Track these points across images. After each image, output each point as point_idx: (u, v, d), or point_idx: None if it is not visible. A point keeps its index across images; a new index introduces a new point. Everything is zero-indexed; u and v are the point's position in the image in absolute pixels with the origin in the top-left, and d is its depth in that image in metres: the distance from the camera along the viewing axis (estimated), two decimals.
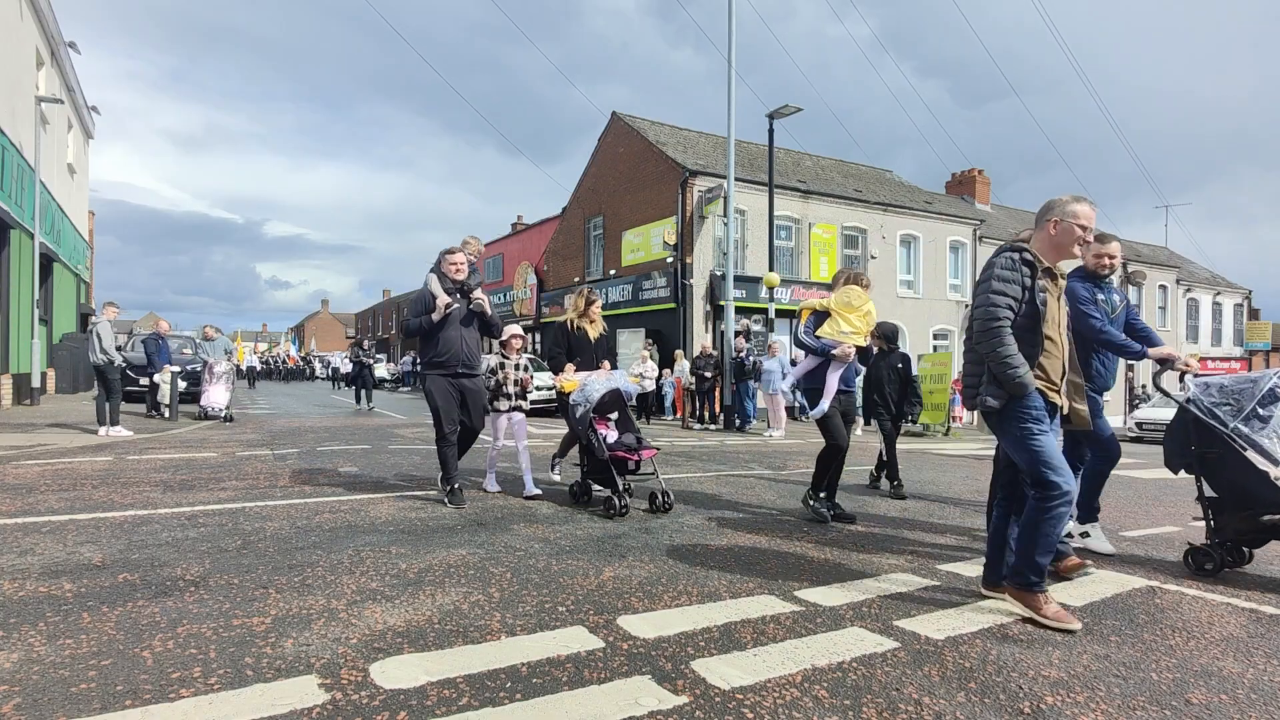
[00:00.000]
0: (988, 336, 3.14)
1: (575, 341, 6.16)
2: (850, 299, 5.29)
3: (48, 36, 15.75)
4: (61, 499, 5.26)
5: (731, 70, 14.94)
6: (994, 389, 3.16)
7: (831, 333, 5.24)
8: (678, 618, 3.02)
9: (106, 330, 9.74)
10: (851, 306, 5.28)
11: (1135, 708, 2.33)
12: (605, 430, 5.50)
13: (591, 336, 6.24)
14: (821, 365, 5.29)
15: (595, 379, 5.50)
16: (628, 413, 5.78)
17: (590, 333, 6.24)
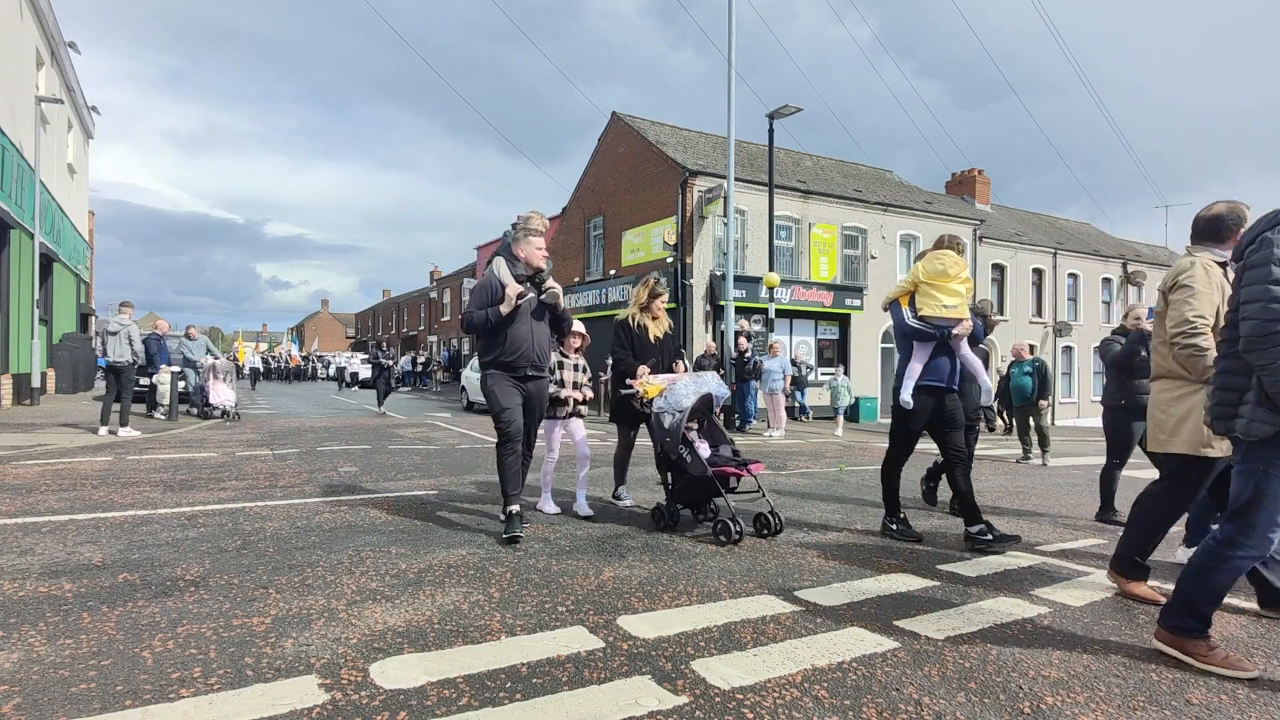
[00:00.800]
0: (1267, 344, 2.44)
1: (637, 340, 5.31)
2: (945, 266, 4.49)
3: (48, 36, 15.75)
4: (61, 499, 5.26)
5: (731, 71, 14.94)
6: (1268, 413, 2.50)
7: (933, 311, 4.49)
8: (678, 618, 3.02)
9: (136, 330, 9.86)
10: (947, 275, 4.49)
11: (1135, 708, 2.33)
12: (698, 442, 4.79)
13: (654, 334, 5.35)
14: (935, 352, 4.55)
15: (683, 382, 4.76)
16: (715, 420, 5.03)
17: (652, 330, 5.36)
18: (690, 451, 4.59)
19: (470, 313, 4.48)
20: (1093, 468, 10.08)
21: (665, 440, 4.63)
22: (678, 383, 4.79)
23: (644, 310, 5.42)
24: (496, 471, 4.51)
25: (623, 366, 5.21)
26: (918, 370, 4.56)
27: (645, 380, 4.93)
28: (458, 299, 39.59)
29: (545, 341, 4.65)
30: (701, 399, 4.70)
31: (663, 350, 5.38)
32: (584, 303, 23.61)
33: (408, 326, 52.21)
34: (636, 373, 5.02)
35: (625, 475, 5.87)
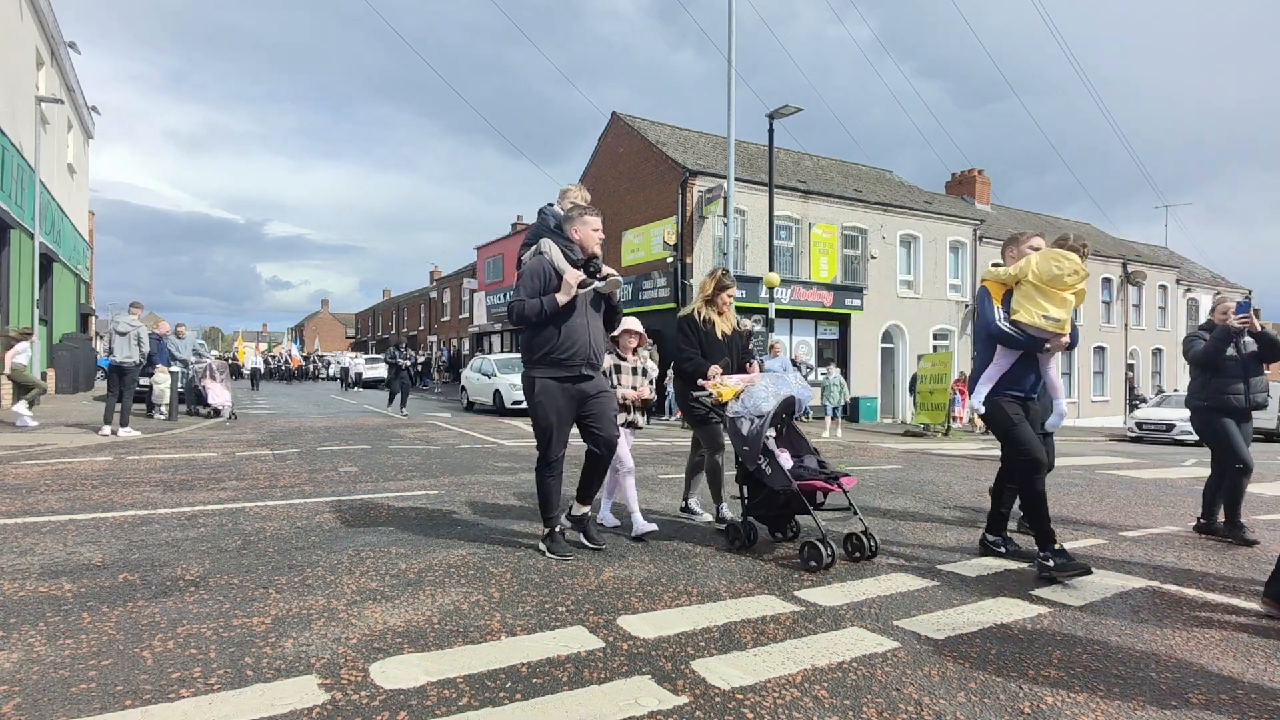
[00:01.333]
0: None
1: (705, 338, 4.84)
2: (1061, 271, 3.82)
3: (48, 36, 15.75)
4: (61, 499, 5.26)
5: (732, 71, 14.94)
6: None
7: (1029, 319, 3.88)
8: (678, 618, 3.02)
9: (145, 331, 9.89)
10: (1061, 282, 3.83)
11: (1135, 708, 2.33)
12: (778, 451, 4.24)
13: (721, 331, 4.87)
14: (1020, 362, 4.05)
15: (762, 384, 4.23)
16: (796, 427, 4.48)
17: (720, 326, 4.88)
18: (771, 462, 4.07)
19: (521, 302, 3.92)
20: (1092, 468, 10.08)
21: (743, 449, 4.14)
22: (756, 385, 4.26)
23: (710, 304, 4.94)
24: (537, 491, 4.11)
25: (691, 367, 4.72)
26: (995, 375, 4.08)
27: (719, 382, 4.43)
28: (457, 299, 39.59)
29: (602, 337, 4.17)
30: (783, 403, 4.18)
31: (731, 348, 4.89)
32: None
33: (408, 326, 52.22)
34: (708, 373, 4.54)
35: (694, 488, 5.30)
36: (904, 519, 5.49)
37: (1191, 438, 16.86)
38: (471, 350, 33.15)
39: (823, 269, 20.85)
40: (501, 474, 7.18)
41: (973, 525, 5.30)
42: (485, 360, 19.60)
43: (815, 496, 4.13)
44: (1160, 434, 17.51)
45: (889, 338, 22.60)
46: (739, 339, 5.00)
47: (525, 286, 3.97)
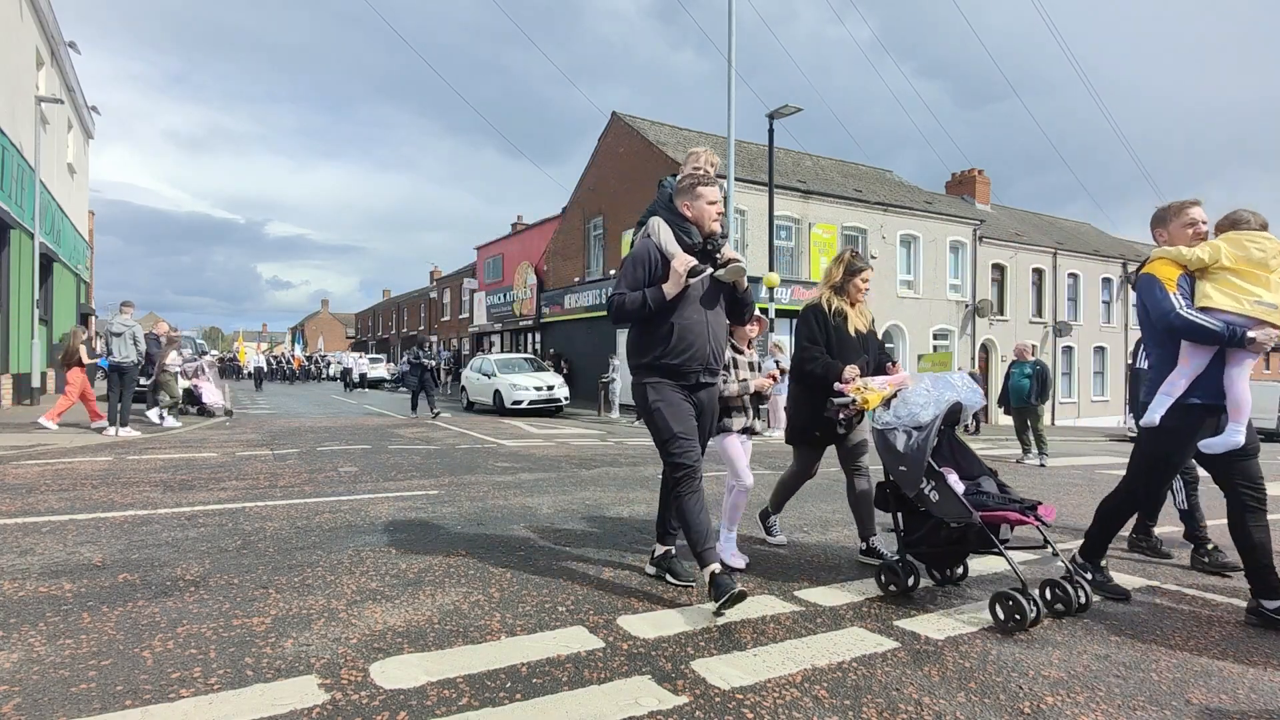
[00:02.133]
0: None
1: (835, 333, 4.03)
2: (1263, 251, 3.15)
3: (48, 36, 15.74)
4: (61, 499, 5.26)
5: (732, 71, 14.95)
6: None
7: (1237, 305, 3.11)
8: (678, 618, 3.02)
9: (140, 330, 9.95)
10: (1267, 266, 3.14)
11: (1135, 708, 2.33)
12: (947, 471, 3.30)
13: (855, 326, 4.08)
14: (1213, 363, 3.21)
15: (920, 388, 3.47)
16: (960, 439, 3.57)
17: (853, 320, 4.09)
18: (939, 485, 3.19)
19: (621, 295, 3.25)
20: (1091, 468, 10.09)
21: (898, 469, 3.36)
22: (912, 388, 3.51)
23: (839, 293, 4.14)
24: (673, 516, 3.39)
25: (819, 367, 3.92)
26: (1182, 385, 3.22)
27: (862, 385, 3.64)
28: (457, 299, 39.59)
29: (724, 335, 3.49)
30: (949, 410, 3.34)
31: (867, 347, 4.09)
32: (584, 303, 23.62)
33: (408, 326, 52.22)
34: (843, 374, 3.77)
35: (782, 507, 4.56)
36: None
37: None
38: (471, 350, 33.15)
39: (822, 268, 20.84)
40: (501, 474, 7.19)
41: None
42: (485, 360, 19.60)
43: (999, 530, 3.17)
44: None
45: (889, 338, 22.59)
46: (874, 336, 4.21)
47: (627, 276, 3.28)
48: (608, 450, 9.83)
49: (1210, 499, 4.27)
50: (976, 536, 3.17)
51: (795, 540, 4.58)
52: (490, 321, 31.85)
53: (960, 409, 3.38)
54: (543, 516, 5.10)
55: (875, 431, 3.54)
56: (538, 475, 7.17)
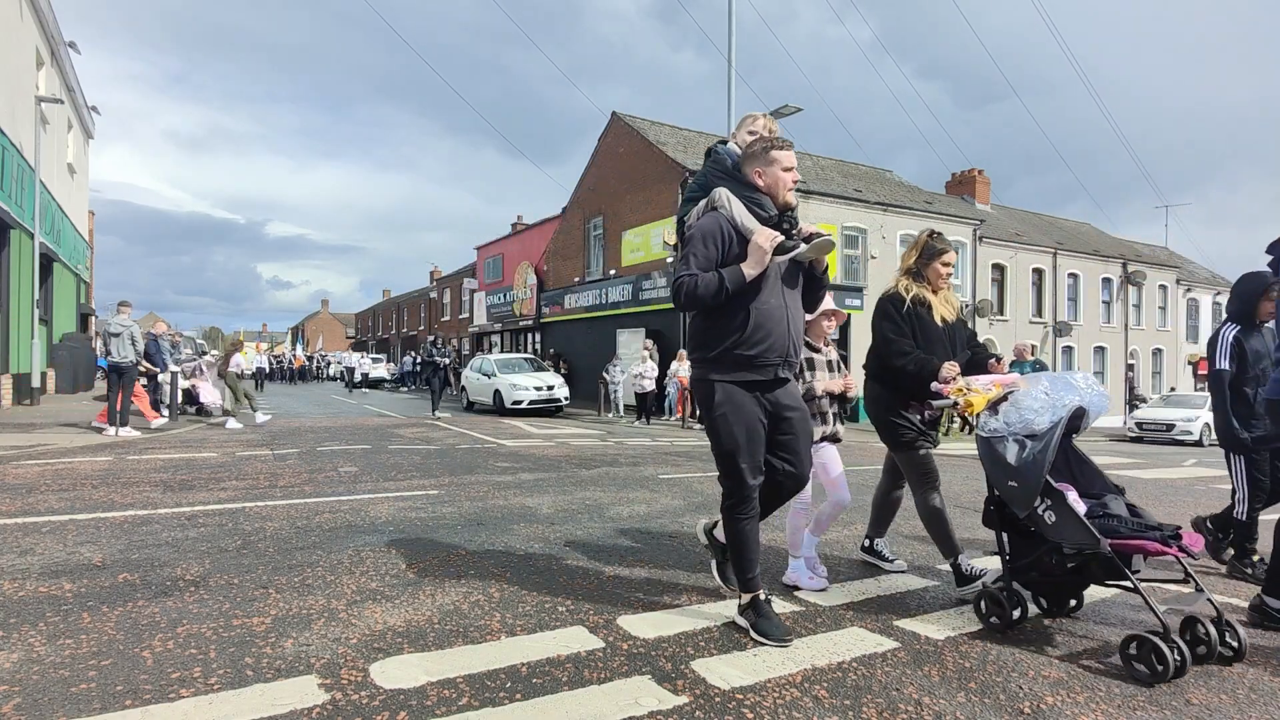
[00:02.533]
0: None
1: (920, 326, 3.55)
2: None
3: (48, 36, 15.74)
4: (61, 499, 5.26)
5: (732, 71, 14.95)
6: None
7: None
8: (678, 618, 3.02)
9: (138, 330, 9.99)
10: None
11: (1135, 708, 2.33)
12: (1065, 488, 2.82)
13: (940, 316, 3.59)
14: None
15: (1037, 389, 2.93)
16: (1079, 450, 3.10)
17: (938, 309, 3.59)
18: (1056, 506, 2.75)
19: (692, 277, 2.78)
20: None
21: (1008, 485, 2.88)
22: (1026, 389, 2.98)
23: (917, 279, 3.65)
24: (727, 540, 3.00)
25: (911, 364, 3.43)
26: None
27: (964, 386, 3.15)
28: (457, 299, 39.59)
29: (802, 324, 3.07)
30: (1075, 414, 2.89)
31: (954, 340, 3.62)
32: (584, 303, 23.62)
33: (408, 326, 52.22)
34: (941, 372, 3.29)
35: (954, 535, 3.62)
36: (904, 519, 5.48)
37: (1191, 438, 16.86)
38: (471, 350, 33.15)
39: None
40: (501, 474, 7.19)
41: (973, 525, 5.30)
42: (485, 360, 19.59)
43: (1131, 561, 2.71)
44: (1160, 434, 17.51)
45: None
46: (963, 328, 3.70)
47: (696, 255, 2.81)
48: (608, 450, 9.83)
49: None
50: (1103, 567, 2.75)
51: None
52: (490, 321, 31.85)
53: (1083, 415, 2.91)
54: (543, 516, 5.10)
55: (980, 440, 3.04)
56: (538, 475, 7.17)
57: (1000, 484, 2.95)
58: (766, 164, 2.89)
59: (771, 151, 2.88)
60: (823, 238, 2.86)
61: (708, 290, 2.75)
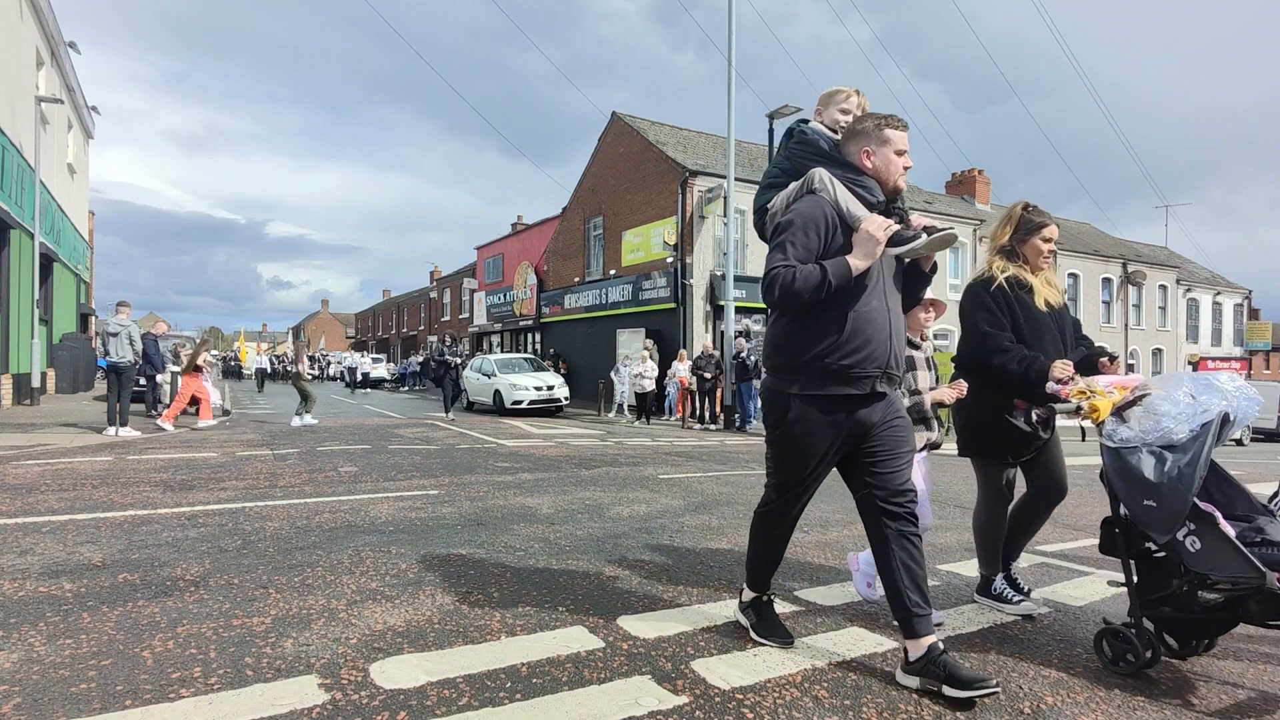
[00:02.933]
0: None
1: (1024, 314, 3.07)
2: None
3: (48, 36, 15.74)
4: (61, 499, 5.26)
5: (732, 71, 14.95)
6: None
7: None
8: (678, 618, 3.02)
9: (136, 330, 10.01)
10: None
11: (1135, 708, 2.33)
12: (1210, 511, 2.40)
13: (1044, 300, 3.11)
14: None
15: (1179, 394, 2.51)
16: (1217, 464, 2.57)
17: (1041, 293, 3.11)
18: (1203, 531, 2.36)
19: (789, 270, 2.41)
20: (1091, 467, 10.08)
21: (1144, 505, 2.47)
22: (1161, 392, 2.56)
23: (1011, 258, 3.18)
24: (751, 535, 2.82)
25: (1013, 362, 2.95)
26: None
27: (1085, 386, 2.70)
28: (457, 299, 39.60)
29: (904, 330, 2.64)
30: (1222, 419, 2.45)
31: (1063, 331, 3.14)
32: (584, 303, 23.62)
33: (407, 326, 52.22)
34: (1054, 372, 2.83)
35: (1000, 552, 3.31)
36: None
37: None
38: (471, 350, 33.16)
39: None
40: (501, 474, 7.19)
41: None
42: (485, 360, 19.59)
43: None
44: None
45: None
46: (1069, 316, 3.21)
47: (795, 244, 2.44)
48: (608, 450, 9.83)
49: None
50: (1262, 604, 2.31)
51: (795, 540, 4.58)
52: (490, 321, 31.86)
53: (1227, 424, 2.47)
54: (543, 516, 5.10)
55: (1108, 451, 2.62)
56: (538, 475, 7.17)
57: (1133, 503, 2.53)
58: (879, 144, 2.53)
59: (886, 130, 2.52)
60: (944, 231, 2.50)
61: (807, 284, 2.38)
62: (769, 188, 2.77)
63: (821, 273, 2.38)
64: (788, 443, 2.55)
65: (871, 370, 2.45)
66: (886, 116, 2.56)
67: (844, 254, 2.42)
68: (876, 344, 2.45)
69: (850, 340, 2.43)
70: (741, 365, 14.58)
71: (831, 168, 2.55)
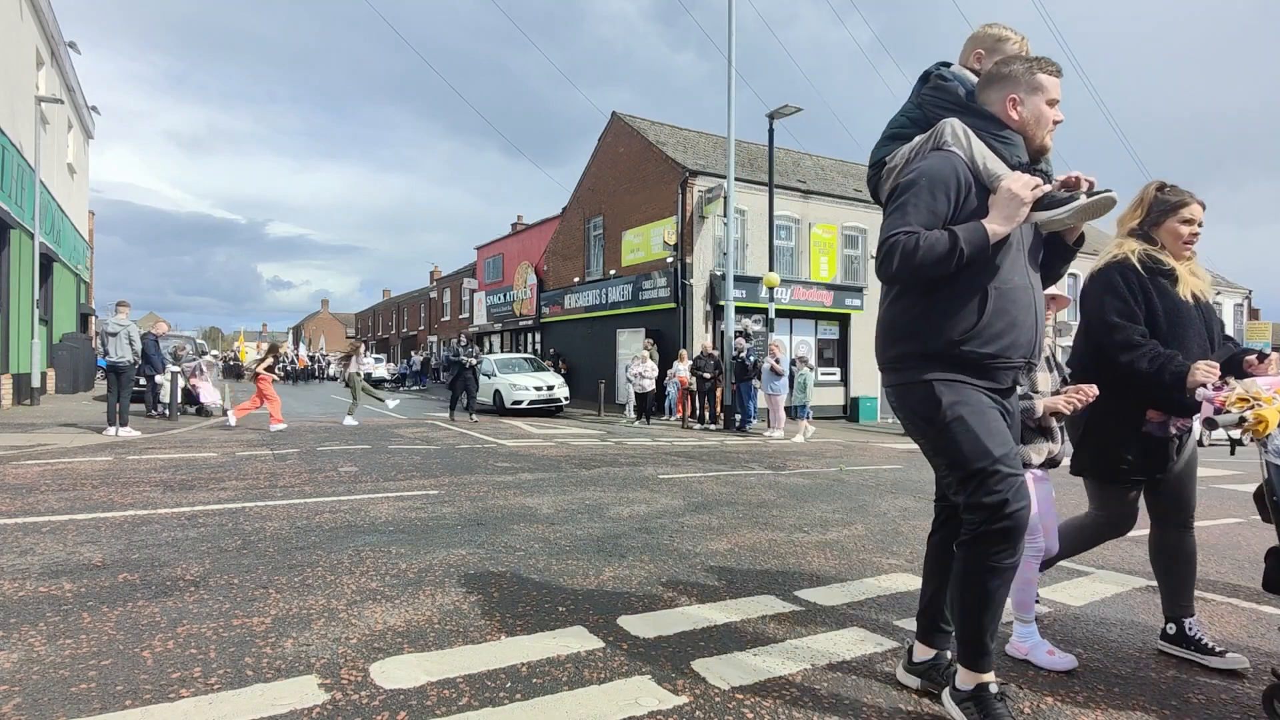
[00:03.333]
0: None
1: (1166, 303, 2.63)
2: None
3: (48, 36, 15.75)
4: (61, 499, 5.26)
5: (732, 71, 14.95)
6: None
7: None
8: (678, 618, 3.02)
9: (136, 330, 10.02)
10: None
11: (1135, 708, 2.33)
12: None
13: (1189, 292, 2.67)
14: None
15: None
16: None
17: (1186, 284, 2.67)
18: None
19: (912, 235, 2.00)
20: None
21: None
22: None
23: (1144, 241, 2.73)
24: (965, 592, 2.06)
25: (1144, 360, 2.54)
26: None
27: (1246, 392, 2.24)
28: (457, 299, 39.60)
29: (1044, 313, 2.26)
30: None
31: (1210, 327, 2.70)
32: (584, 303, 23.62)
33: (408, 326, 52.23)
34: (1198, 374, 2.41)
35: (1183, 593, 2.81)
36: (904, 519, 5.49)
37: None
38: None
39: (823, 269, 20.83)
40: (501, 474, 7.19)
41: None
42: (485, 360, 19.59)
43: None
44: None
45: None
46: (1214, 313, 2.76)
47: (917, 206, 2.05)
48: (608, 450, 9.83)
49: None
50: None
51: (795, 540, 4.58)
52: (490, 321, 31.86)
53: None
54: (543, 516, 5.10)
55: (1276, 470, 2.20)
56: (538, 475, 7.17)
57: None
58: (1029, 91, 2.13)
59: (1038, 75, 2.12)
60: (1104, 193, 2.06)
61: (933, 253, 1.98)
62: (891, 139, 2.38)
63: (951, 240, 1.98)
64: (958, 425, 2.03)
65: (1016, 360, 2.10)
66: (1039, 59, 2.17)
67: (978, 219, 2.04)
68: (1022, 329, 2.09)
69: (993, 323, 2.05)
70: (741, 365, 14.58)
71: (969, 119, 2.17)
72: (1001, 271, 2.07)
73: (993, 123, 2.16)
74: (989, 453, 2.00)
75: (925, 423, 2.12)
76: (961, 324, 2.05)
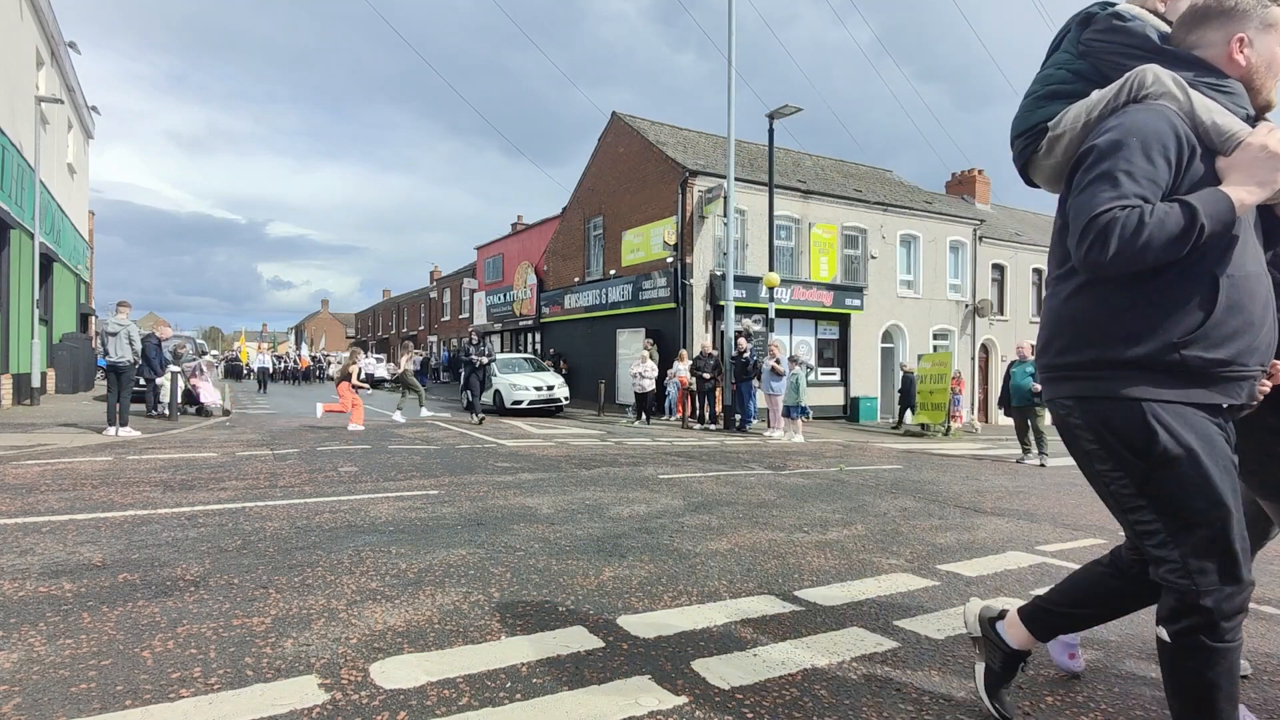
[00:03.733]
0: None
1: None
2: None
3: (48, 36, 15.75)
4: (61, 499, 5.26)
5: (732, 71, 14.95)
6: None
7: None
8: (678, 618, 3.02)
9: (136, 330, 10.03)
10: None
11: (1135, 708, 2.33)
12: None
13: None
14: None
15: None
16: None
17: None
18: None
19: (1134, 210, 1.57)
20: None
21: None
22: None
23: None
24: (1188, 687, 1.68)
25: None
26: None
27: None
28: (457, 299, 39.59)
29: None
30: None
31: None
32: (584, 303, 23.62)
33: (408, 326, 52.24)
34: None
35: None
36: (904, 519, 5.49)
37: None
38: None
39: (823, 269, 20.83)
40: (501, 474, 7.19)
41: (974, 525, 5.31)
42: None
43: None
44: None
45: (889, 338, 22.60)
46: None
47: (1131, 173, 1.62)
48: (608, 450, 9.83)
49: None
50: None
51: (795, 540, 4.58)
52: (490, 321, 31.85)
53: None
54: (543, 516, 5.10)
55: None
56: (538, 475, 7.17)
57: None
58: (1261, 28, 1.72)
59: (1274, 8, 1.72)
60: None
61: (1163, 231, 1.55)
62: (1047, 99, 1.95)
63: (1188, 214, 1.55)
64: (1182, 467, 1.63)
65: (1253, 368, 1.69)
66: None
67: (1208, 187, 1.63)
68: (1262, 329, 1.68)
69: (1225, 321, 1.64)
70: (741, 365, 14.58)
71: (1174, 63, 1.76)
72: (1233, 255, 1.65)
73: (1207, 70, 1.73)
74: (1219, 497, 1.61)
75: (1131, 453, 1.68)
76: (1184, 322, 1.63)
